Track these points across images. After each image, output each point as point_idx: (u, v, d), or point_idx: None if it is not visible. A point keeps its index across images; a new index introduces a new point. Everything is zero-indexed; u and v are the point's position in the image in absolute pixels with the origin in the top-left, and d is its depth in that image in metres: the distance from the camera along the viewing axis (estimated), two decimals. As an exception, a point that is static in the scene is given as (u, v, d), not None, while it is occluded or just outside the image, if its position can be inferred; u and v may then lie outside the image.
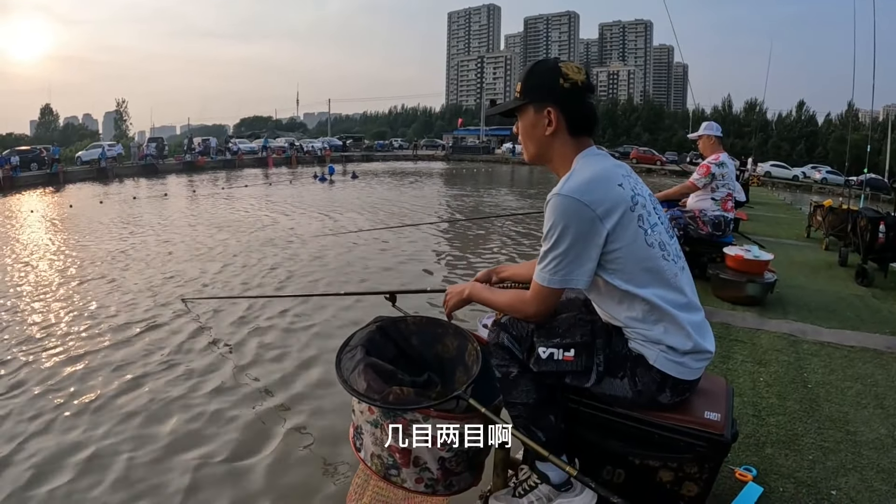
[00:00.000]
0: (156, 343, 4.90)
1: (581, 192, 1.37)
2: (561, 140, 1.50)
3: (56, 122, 68.43)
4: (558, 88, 1.47)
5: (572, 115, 1.49)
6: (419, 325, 1.81)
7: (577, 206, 1.36)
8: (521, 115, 1.56)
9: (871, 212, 6.37)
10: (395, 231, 11.00)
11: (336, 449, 3.36)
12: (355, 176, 26.16)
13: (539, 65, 1.54)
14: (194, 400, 3.90)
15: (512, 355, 1.53)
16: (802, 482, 2.09)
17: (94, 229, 11.56)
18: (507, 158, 47.04)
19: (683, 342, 1.42)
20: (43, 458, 3.18)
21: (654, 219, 1.47)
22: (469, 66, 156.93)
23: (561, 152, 1.52)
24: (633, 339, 1.47)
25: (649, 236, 1.43)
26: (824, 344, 3.68)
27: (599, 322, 1.54)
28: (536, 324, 1.54)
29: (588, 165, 1.45)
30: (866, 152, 9.31)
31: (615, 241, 1.39)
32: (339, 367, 1.59)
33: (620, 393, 1.47)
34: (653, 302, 1.41)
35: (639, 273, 1.42)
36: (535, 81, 1.52)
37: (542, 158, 1.56)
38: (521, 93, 1.54)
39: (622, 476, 1.48)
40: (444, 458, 1.52)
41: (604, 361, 1.48)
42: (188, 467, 3.12)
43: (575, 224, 1.37)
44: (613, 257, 1.41)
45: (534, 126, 1.52)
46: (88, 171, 28.44)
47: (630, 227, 1.40)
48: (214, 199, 17.65)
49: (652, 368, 1.43)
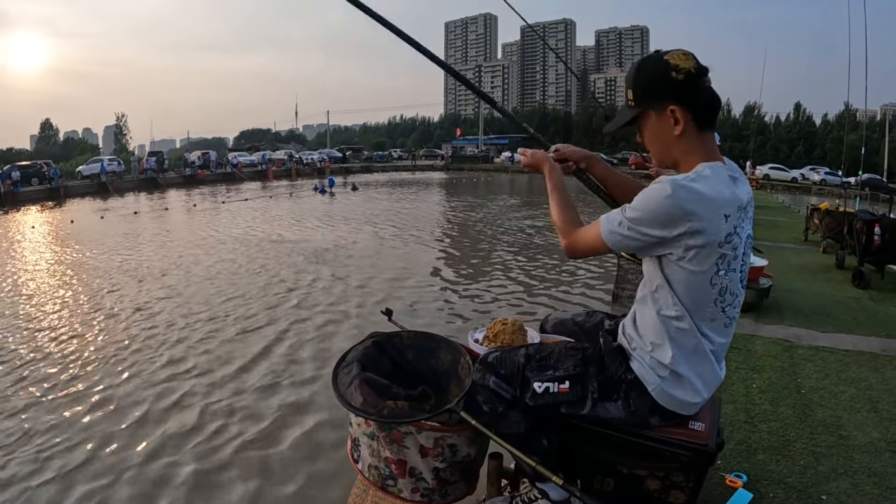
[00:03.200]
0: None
1: (688, 195, 1.27)
2: (689, 140, 1.38)
3: (56, 136, 68.72)
4: (674, 83, 1.35)
5: (696, 108, 1.37)
6: (413, 340, 1.85)
7: (672, 204, 1.27)
8: (642, 122, 1.44)
9: (868, 214, 6.41)
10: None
11: (334, 460, 3.40)
12: (356, 188, 26.27)
13: (645, 64, 1.42)
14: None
15: (498, 395, 1.50)
16: (793, 487, 2.12)
17: (99, 243, 11.61)
18: (506, 167, 47.21)
19: (692, 380, 1.40)
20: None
21: (737, 265, 1.38)
22: (467, 74, 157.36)
23: (687, 155, 1.40)
24: (639, 360, 1.44)
25: (718, 277, 1.35)
26: (819, 348, 3.71)
27: (591, 348, 1.53)
28: (526, 356, 1.53)
29: (711, 179, 1.32)
30: (861, 153, 9.35)
31: (686, 261, 1.32)
32: (335, 383, 1.63)
33: (614, 415, 1.45)
34: (689, 332, 1.37)
35: (689, 300, 1.36)
36: (647, 84, 1.40)
37: (669, 162, 1.46)
38: (634, 100, 1.43)
39: (611, 485, 1.52)
40: (438, 468, 1.56)
41: (598, 388, 1.46)
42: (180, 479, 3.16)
43: (663, 215, 1.28)
44: (676, 274, 1.35)
45: (660, 130, 1.41)
46: (89, 186, 28.61)
47: (707, 260, 1.32)
48: (232, 214, 17.70)
49: (647, 394, 1.42)
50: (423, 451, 1.54)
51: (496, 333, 1.77)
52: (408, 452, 1.54)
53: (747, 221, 1.39)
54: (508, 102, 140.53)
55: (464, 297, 7.36)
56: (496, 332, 1.78)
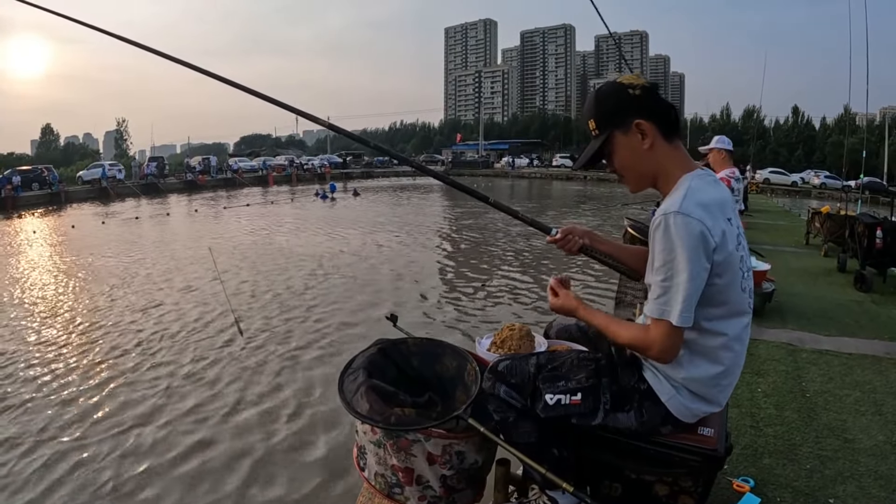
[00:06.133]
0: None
1: (702, 213, 1.26)
2: (661, 151, 1.40)
3: (57, 141, 68.72)
4: (633, 98, 1.38)
5: (659, 117, 1.39)
6: (419, 346, 1.85)
7: (699, 229, 1.25)
8: (611, 148, 1.44)
9: (869, 217, 6.40)
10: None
11: (340, 468, 3.39)
12: (357, 193, 26.29)
13: (601, 92, 1.46)
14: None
15: (508, 405, 1.49)
16: (800, 491, 2.12)
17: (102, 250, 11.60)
18: (506, 172, 47.34)
19: (709, 389, 1.39)
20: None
21: (749, 263, 1.40)
22: (467, 80, 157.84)
23: (663, 167, 1.41)
24: (652, 370, 1.43)
25: (745, 280, 1.36)
26: (823, 352, 3.70)
27: (603, 359, 1.52)
28: (537, 365, 1.51)
29: (705, 189, 1.34)
30: (862, 157, 9.35)
31: (716, 277, 1.30)
32: (341, 390, 1.63)
33: (625, 424, 1.44)
34: (719, 339, 1.35)
35: (721, 312, 1.35)
36: (608, 108, 1.43)
37: (647, 182, 1.46)
38: (598, 128, 1.45)
39: (619, 490, 1.52)
40: (445, 475, 1.56)
41: (610, 399, 1.44)
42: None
43: (699, 249, 1.25)
44: (707, 291, 1.31)
45: (629, 149, 1.41)
46: (90, 191, 28.62)
47: (732, 267, 1.32)
48: (233, 219, 17.71)
49: (660, 404, 1.41)
50: (430, 459, 1.53)
51: (503, 339, 1.77)
52: (415, 460, 1.54)
53: (736, 216, 1.42)
54: (509, 108, 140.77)
55: (468, 302, 7.37)
56: (504, 337, 1.78)
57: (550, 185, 30.82)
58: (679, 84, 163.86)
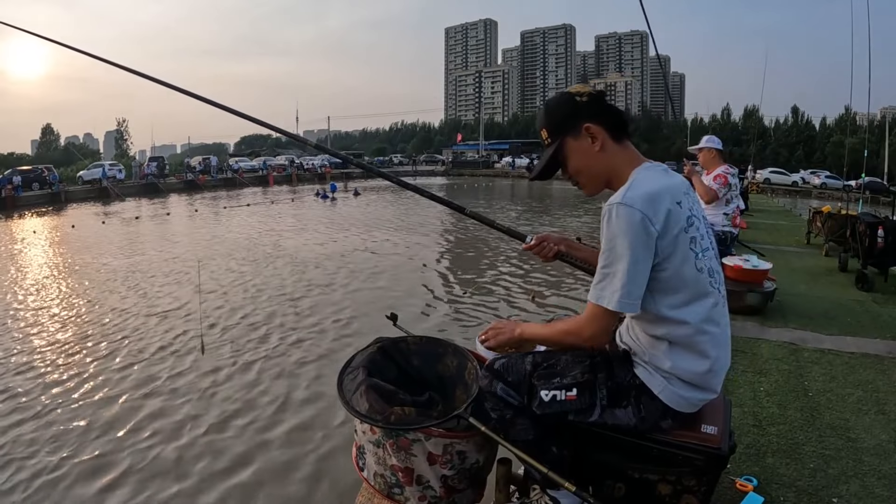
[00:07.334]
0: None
1: (643, 203, 1.30)
2: (610, 152, 1.45)
3: (57, 141, 68.75)
4: (582, 105, 1.45)
5: (607, 120, 1.45)
6: (419, 345, 1.83)
7: (639, 218, 1.29)
8: (564, 154, 1.49)
9: (870, 216, 6.39)
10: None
11: (339, 468, 3.37)
12: (357, 193, 26.32)
13: (551, 103, 1.53)
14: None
15: (506, 403, 1.50)
16: (804, 491, 2.10)
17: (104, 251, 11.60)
18: (506, 172, 47.31)
19: (698, 376, 1.40)
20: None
21: (707, 243, 1.42)
22: (467, 80, 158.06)
23: (614, 166, 1.45)
24: (642, 365, 1.44)
25: (699, 260, 1.37)
26: (825, 351, 3.69)
27: (598, 356, 1.51)
28: (533, 363, 1.52)
29: (649, 178, 1.39)
30: (863, 156, 9.34)
31: (665, 261, 1.34)
32: (341, 389, 1.61)
33: (623, 421, 1.43)
34: (688, 327, 1.37)
35: (682, 297, 1.36)
36: (558, 115, 1.49)
37: (601, 183, 1.49)
38: (550, 136, 1.50)
39: (622, 490, 1.50)
40: (446, 475, 1.54)
41: (607, 395, 1.44)
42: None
43: (640, 238, 1.29)
44: (660, 277, 1.35)
45: (581, 152, 1.46)
46: (90, 191, 28.62)
47: (681, 248, 1.34)
48: (234, 219, 17.68)
49: (656, 398, 1.41)
50: (431, 459, 1.52)
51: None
52: (415, 460, 1.52)
53: (697, 205, 1.45)
54: (509, 108, 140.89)
55: (468, 301, 7.35)
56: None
57: (551, 186, 30.80)
58: (679, 84, 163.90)
